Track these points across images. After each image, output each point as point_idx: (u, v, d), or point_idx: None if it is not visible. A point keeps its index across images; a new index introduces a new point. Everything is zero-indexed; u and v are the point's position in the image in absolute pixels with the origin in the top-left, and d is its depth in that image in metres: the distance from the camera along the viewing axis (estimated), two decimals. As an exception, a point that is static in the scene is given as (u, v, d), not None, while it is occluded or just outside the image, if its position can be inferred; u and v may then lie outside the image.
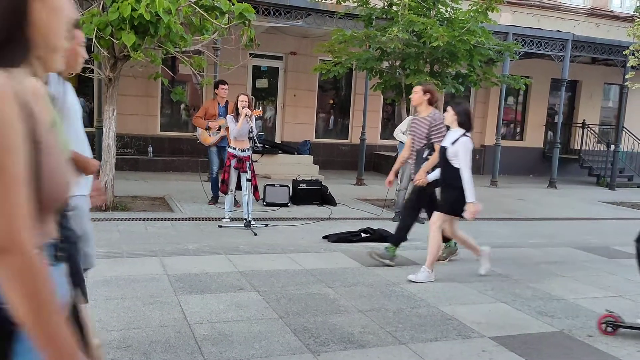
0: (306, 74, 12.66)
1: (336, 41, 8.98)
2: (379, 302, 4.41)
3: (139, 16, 5.99)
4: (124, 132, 11.47)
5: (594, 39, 13.55)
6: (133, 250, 5.54)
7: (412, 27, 8.15)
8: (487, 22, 8.86)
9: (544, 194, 12.17)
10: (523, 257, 6.20)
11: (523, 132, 16.18)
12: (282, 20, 10.76)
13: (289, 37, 12.92)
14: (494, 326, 4.04)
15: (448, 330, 3.91)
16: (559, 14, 15.71)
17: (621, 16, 16.08)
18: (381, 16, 9.18)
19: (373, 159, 14.06)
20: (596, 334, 3.99)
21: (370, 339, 3.67)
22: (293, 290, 4.59)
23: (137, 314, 3.84)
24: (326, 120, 14.64)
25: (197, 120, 8.21)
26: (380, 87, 9.45)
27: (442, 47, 8.09)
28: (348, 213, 8.33)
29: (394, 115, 14.81)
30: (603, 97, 16.96)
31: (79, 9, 6.81)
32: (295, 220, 7.56)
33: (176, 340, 3.45)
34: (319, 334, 3.68)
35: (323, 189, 9.01)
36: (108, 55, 6.98)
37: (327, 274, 5.12)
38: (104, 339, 3.40)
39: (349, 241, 6.47)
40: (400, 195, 7.96)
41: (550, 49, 12.79)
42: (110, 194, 7.29)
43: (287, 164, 11.92)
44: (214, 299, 4.26)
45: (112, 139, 7.32)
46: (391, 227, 7.16)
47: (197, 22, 6.95)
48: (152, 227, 6.66)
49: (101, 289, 4.32)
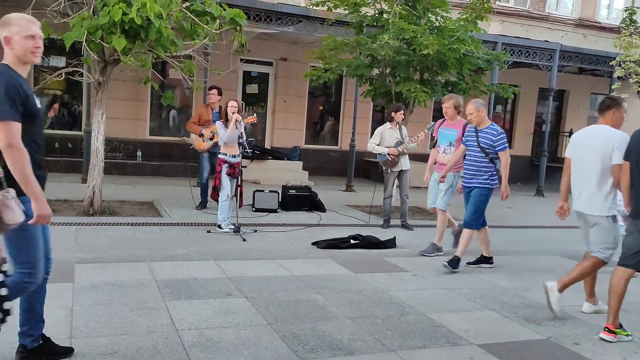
0: (296, 80, 12.68)
1: (327, 48, 9.02)
2: (368, 309, 4.42)
3: (130, 20, 5.97)
4: (113, 136, 11.38)
5: (581, 49, 13.72)
6: (121, 255, 5.50)
7: (403, 35, 8.20)
8: (477, 31, 8.95)
9: (532, 202, 12.26)
10: (511, 265, 6.23)
11: (511, 140, 16.29)
12: (274, 26, 10.78)
13: (280, 43, 12.94)
14: (482, 333, 4.05)
15: (436, 338, 3.92)
16: (547, 25, 15.89)
17: (608, 27, 16.31)
18: (372, 24, 9.23)
19: (363, 165, 14.08)
20: (582, 342, 4.02)
21: (359, 345, 3.67)
22: (282, 296, 4.57)
23: (124, 320, 3.81)
24: (316, 127, 14.65)
25: (191, 126, 8.19)
26: (371, 94, 9.49)
27: (432, 55, 8.15)
28: (337, 219, 8.34)
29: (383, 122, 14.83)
30: (590, 106, 17.16)
31: (70, 13, 6.78)
32: (285, 226, 7.55)
33: (164, 346, 3.43)
34: (308, 341, 3.67)
35: (312, 195, 9.01)
36: (98, 59, 6.95)
37: (316, 280, 5.12)
38: (90, 344, 3.37)
39: (338, 247, 6.47)
40: (386, 202, 7.99)
41: (539, 59, 12.93)
42: (98, 198, 7.24)
43: (277, 169, 11.90)
44: (202, 304, 4.23)
45: (100, 142, 7.28)
46: (380, 233, 7.18)
47: (188, 27, 6.94)
48: (140, 232, 6.62)
49: (88, 294, 4.28)
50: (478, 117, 5.78)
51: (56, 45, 8.36)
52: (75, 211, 7.33)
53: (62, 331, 3.53)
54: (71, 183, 9.49)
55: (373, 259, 6.13)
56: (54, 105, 12.06)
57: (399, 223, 8.02)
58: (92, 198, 7.20)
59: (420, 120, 11.64)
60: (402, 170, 7.87)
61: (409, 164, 7.94)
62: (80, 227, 6.59)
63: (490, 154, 5.75)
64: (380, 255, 6.34)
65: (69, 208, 7.51)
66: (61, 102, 12.21)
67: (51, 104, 12.04)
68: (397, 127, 7.90)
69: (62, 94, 12.20)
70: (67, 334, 3.50)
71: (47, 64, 11.18)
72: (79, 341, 3.41)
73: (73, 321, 3.72)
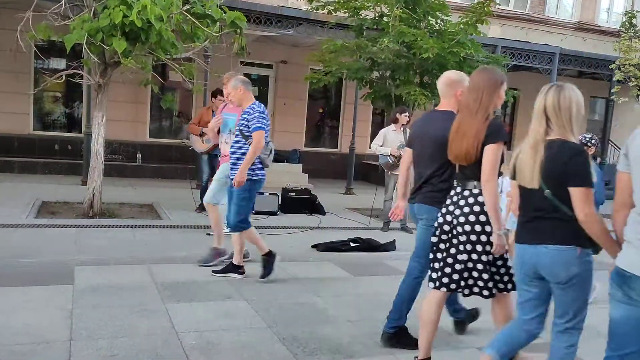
0: (296, 82, 12.69)
1: (327, 51, 9.02)
2: (368, 312, 4.41)
3: (130, 23, 5.98)
4: (113, 138, 11.37)
5: (581, 53, 13.74)
6: (120, 257, 5.50)
7: (403, 38, 8.21)
8: (477, 35, 8.96)
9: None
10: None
11: (511, 143, 16.32)
12: (274, 29, 10.79)
13: (280, 46, 12.95)
14: (482, 337, 4.04)
15: (437, 341, 3.91)
16: (546, 28, 15.91)
17: (608, 31, 16.32)
18: (372, 27, 9.24)
19: (362, 168, 14.08)
20: (582, 346, 4.00)
21: (358, 348, 3.66)
22: (282, 299, 4.57)
23: (124, 322, 3.80)
24: (316, 129, 14.66)
25: (192, 127, 8.20)
26: (370, 97, 9.49)
27: (432, 59, 8.16)
28: (337, 222, 8.34)
29: (382, 125, 14.85)
30: (589, 110, 17.18)
31: (70, 15, 6.79)
32: (284, 229, 7.54)
33: (164, 349, 3.42)
34: (308, 344, 3.67)
35: (312, 197, 9.01)
36: (98, 61, 6.95)
37: (315, 283, 5.11)
38: (90, 347, 3.37)
39: (338, 250, 6.47)
40: (386, 205, 7.99)
41: (538, 62, 12.94)
42: (98, 200, 7.24)
43: (276, 172, 11.82)
44: (202, 307, 4.23)
45: (100, 145, 7.28)
46: (380, 236, 7.18)
47: (189, 29, 6.95)
48: (140, 235, 6.61)
49: (88, 296, 4.27)
50: (237, 96, 4.90)
51: (56, 47, 8.37)
52: (75, 213, 7.33)
53: (61, 333, 3.53)
54: (71, 185, 9.49)
55: (373, 262, 6.13)
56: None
57: (399, 226, 8.02)
58: (92, 200, 7.20)
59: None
60: (403, 174, 7.85)
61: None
62: (80, 229, 6.59)
63: (249, 138, 4.84)
64: (380, 258, 6.34)
65: (69, 210, 7.51)
66: (61, 104, 12.22)
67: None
68: (402, 130, 7.89)
69: (63, 96, 12.21)
70: (66, 337, 3.49)
71: (47, 66, 11.20)
72: (79, 343, 3.40)
73: (73, 323, 3.71)
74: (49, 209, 7.47)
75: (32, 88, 10.87)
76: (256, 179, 4.97)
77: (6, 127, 11.08)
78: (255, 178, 4.95)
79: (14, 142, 10.99)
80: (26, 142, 11.35)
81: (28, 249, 5.53)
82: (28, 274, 4.70)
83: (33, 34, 6.68)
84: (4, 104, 10.92)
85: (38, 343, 3.31)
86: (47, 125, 12.02)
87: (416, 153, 3.67)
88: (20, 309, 3.90)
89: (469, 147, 3.08)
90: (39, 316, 3.77)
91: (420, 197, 3.59)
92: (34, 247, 5.63)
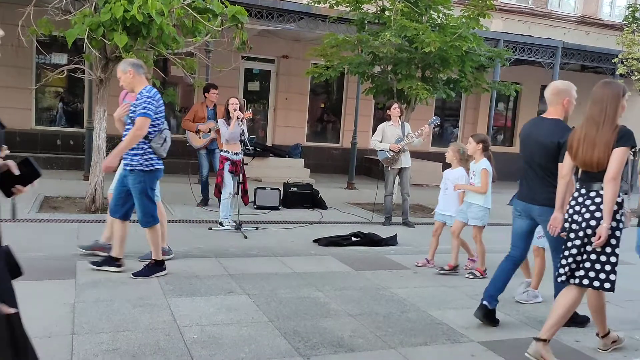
0: (298, 77, 12.67)
1: (328, 45, 9.00)
2: (369, 306, 4.42)
3: (132, 17, 5.97)
4: (115, 133, 11.34)
5: (583, 46, 13.69)
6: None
7: (405, 32, 8.19)
8: (479, 29, 8.93)
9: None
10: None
11: (513, 138, 16.28)
12: (275, 23, 10.77)
13: (282, 40, 12.93)
14: (483, 331, 4.06)
15: (437, 335, 3.93)
16: (549, 22, 15.85)
17: (610, 24, 16.26)
18: (374, 21, 9.22)
19: (364, 163, 14.08)
20: (583, 340, 4.02)
21: (360, 343, 3.67)
22: (283, 293, 4.58)
23: (126, 317, 3.82)
24: (317, 124, 14.65)
25: (187, 123, 8.21)
26: (372, 92, 9.48)
27: (434, 53, 8.13)
28: (339, 217, 8.34)
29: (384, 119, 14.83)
30: (592, 104, 17.11)
31: (71, 10, 6.78)
32: (286, 224, 7.55)
33: (165, 343, 3.44)
34: (309, 338, 3.68)
35: (314, 192, 9.02)
36: (99, 56, 6.95)
37: (317, 277, 5.12)
38: (92, 340, 3.38)
39: (340, 245, 6.47)
40: (387, 200, 7.99)
41: (541, 56, 12.89)
42: (100, 195, 7.25)
43: (278, 167, 11.90)
44: (203, 301, 4.24)
45: (102, 140, 7.29)
46: (381, 231, 7.18)
47: (190, 24, 6.94)
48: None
49: (90, 290, 4.29)
50: (127, 81, 4.59)
51: (58, 42, 8.36)
52: (77, 208, 7.34)
53: (64, 328, 3.54)
54: (73, 180, 9.49)
55: (374, 257, 6.14)
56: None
57: (400, 221, 8.03)
58: (93, 195, 7.21)
59: (422, 117, 11.59)
60: (402, 168, 7.86)
61: (409, 161, 7.94)
62: (82, 224, 6.60)
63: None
64: (382, 252, 6.35)
65: (71, 205, 7.52)
66: (63, 100, 12.22)
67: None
68: (400, 124, 7.89)
69: (64, 91, 12.21)
70: (69, 331, 3.51)
71: (49, 61, 11.20)
72: (81, 337, 3.42)
73: (75, 317, 3.73)
74: (51, 203, 7.48)
75: (34, 83, 10.87)
76: (149, 169, 4.62)
77: (8, 122, 10.88)
78: (147, 169, 4.60)
79: (16, 137, 10.99)
80: (28, 137, 11.36)
81: (30, 243, 5.54)
82: (30, 269, 4.65)
83: (34, 29, 6.68)
84: (6, 99, 10.92)
85: (40, 337, 3.32)
86: (49, 121, 12.03)
87: (524, 156, 4.14)
88: (22, 303, 3.89)
89: (601, 156, 3.40)
90: (41, 310, 3.78)
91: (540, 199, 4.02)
92: (36, 242, 5.64)
